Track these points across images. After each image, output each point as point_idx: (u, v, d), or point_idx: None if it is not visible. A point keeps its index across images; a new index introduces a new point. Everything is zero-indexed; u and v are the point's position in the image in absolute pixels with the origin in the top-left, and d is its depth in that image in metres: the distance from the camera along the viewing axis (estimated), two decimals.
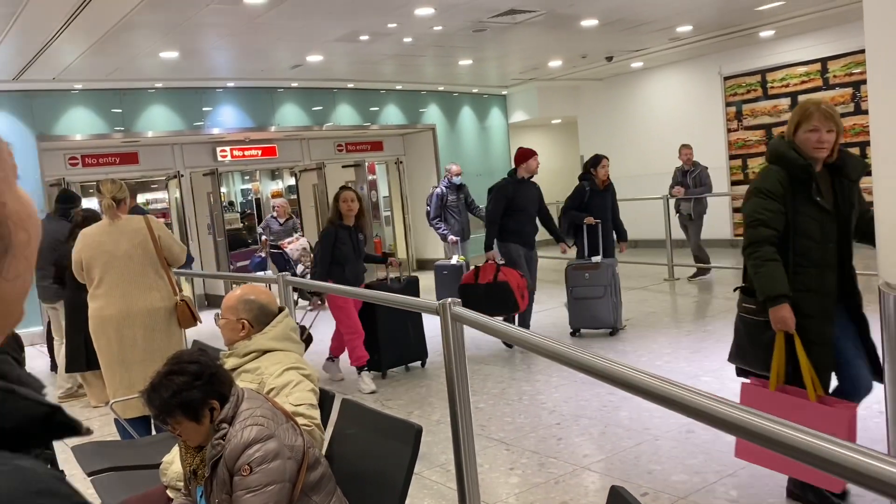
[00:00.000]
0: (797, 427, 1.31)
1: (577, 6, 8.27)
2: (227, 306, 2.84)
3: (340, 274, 5.87)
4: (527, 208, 6.80)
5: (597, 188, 7.18)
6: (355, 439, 2.54)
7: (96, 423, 5.75)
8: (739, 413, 1.44)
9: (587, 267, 6.89)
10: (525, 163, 6.80)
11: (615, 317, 6.88)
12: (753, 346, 3.30)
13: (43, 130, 9.76)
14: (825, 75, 11.03)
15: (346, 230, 5.99)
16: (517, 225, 6.73)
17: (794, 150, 3.22)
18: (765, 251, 3.17)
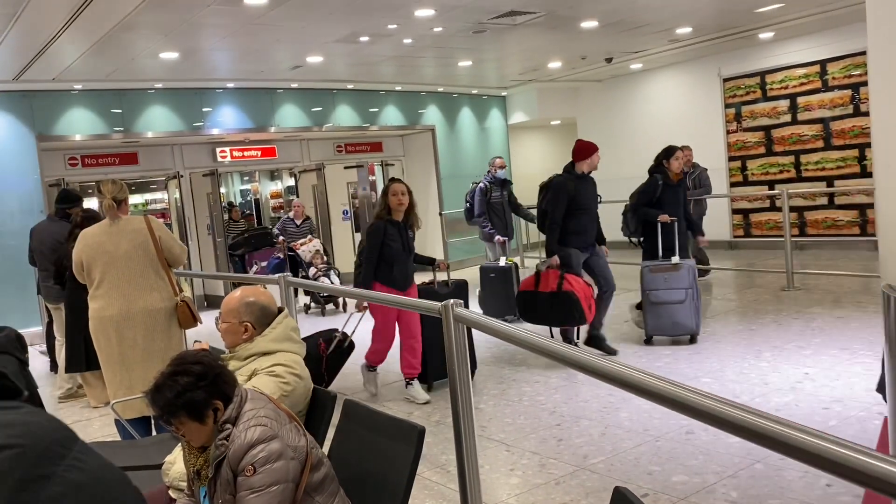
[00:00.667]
0: (804, 428, 1.31)
1: (577, 8, 8.28)
2: (228, 309, 2.84)
3: (388, 274, 5.42)
4: (590, 207, 6.26)
5: (670, 182, 6.62)
6: (358, 440, 2.54)
7: (96, 423, 5.76)
8: (740, 413, 1.44)
9: (666, 269, 6.37)
10: (588, 157, 6.21)
11: (696, 322, 6.39)
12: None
13: (43, 130, 9.75)
14: (824, 77, 11.05)
15: (395, 226, 5.48)
16: (578, 226, 6.21)
17: None
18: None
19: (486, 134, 14.69)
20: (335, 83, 12.05)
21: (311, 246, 10.28)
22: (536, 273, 6.25)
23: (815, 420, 4.39)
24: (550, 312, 5.99)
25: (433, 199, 13.82)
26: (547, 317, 6.19)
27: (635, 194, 6.75)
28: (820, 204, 11.29)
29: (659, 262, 6.44)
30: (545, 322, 6.32)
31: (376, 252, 5.40)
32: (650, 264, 6.47)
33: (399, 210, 5.51)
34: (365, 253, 5.49)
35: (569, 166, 6.30)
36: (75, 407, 6.29)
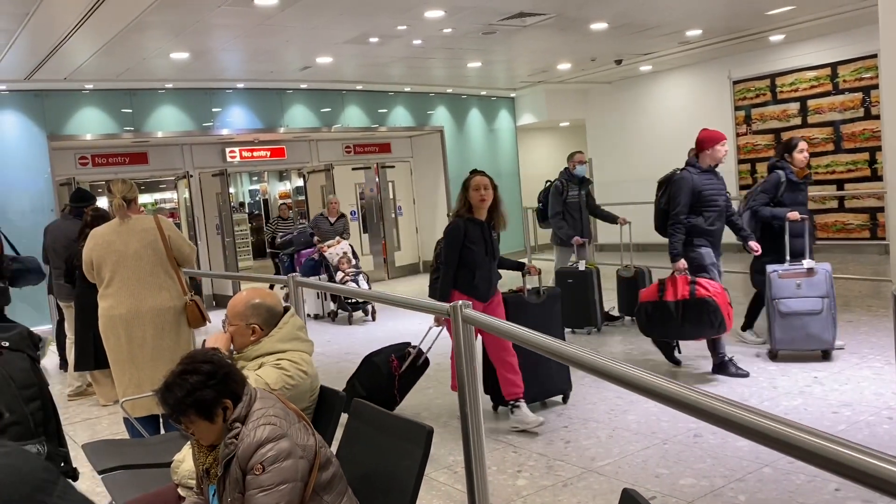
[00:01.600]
0: (813, 431, 1.31)
1: (587, 9, 8.28)
2: (235, 312, 2.84)
3: (469, 281, 4.71)
4: (717, 201, 5.53)
5: (794, 177, 5.92)
6: (366, 440, 2.55)
7: (105, 421, 5.79)
8: (749, 415, 1.44)
9: (798, 274, 5.64)
10: (711, 148, 5.51)
11: (833, 334, 5.64)
12: None
13: (54, 130, 9.81)
14: (835, 80, 11.01)
15: (477, 226, 4.79)
16: (706, 224, 5.50)
17: None
18: None
19: (494, 135, 14.68)
20: (344, 84, 12.08)
21: (338, 248, 9.60)
22: (661, 281, 5.53)
23: (824, 424, 4.36)
24: (683, 324, 5.28)
25: (441, 201, 13.83)
26: (679, 330, 5.43)
27: (753, 194, 6.12)
28: (830, 207, 11.24)
29: (789, 267, 5.71)
30: (676, 336, 5.66)
31: (456, 256, 4.72)
32: (778, 269, 5.72)
33: (481, 207, 4.81)
34: (443, 257, 4.81)
35: (692, 158, 5.68)
36: (84, 405, 6.32)
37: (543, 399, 5.20)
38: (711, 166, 5.59)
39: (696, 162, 5.60)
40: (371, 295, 7.65)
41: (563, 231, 7.65)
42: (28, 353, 2.81)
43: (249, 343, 2.82)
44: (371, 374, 5.01)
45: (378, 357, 5.06)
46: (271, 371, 2.68)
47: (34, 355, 2.86)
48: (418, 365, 5.09)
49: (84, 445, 3.52)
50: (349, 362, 7.11)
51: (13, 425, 2.62)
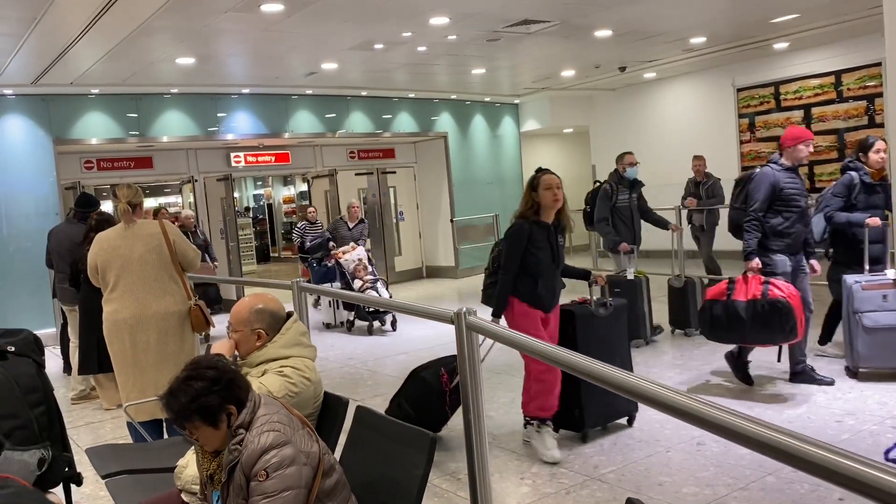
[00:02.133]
0: (816, 442, 1.31)
1: (592, 17, 8.30)
2: (239, 319, 2.83)
3: (531, 290, 4.33)
4: (798, 202, 5.18)
5: (869, 179, 5.47)
6: (369, 446, 2.55)
7: (108, 425, 5.80)
8: (752, 425, 1.44)
9: (883, 285, 5.20)
10: (793, 147, 5.17)
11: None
12: None
13: (59, 134, 9.85)
14: (839, 88, 11.01)
15: (542, 229, 4.38)
16: (784, 227, 5.15)
17: None
18: None
19: (498, 141, 14.70)
20: (349, 90, 12.12)
21: (353, 255, 9.17)
22: (730, 279, 5.20)
23: (827, 433, 4.36)
24: (751, 326, 4.90)
25: (445, 206, 13.85)
26: (746, 333, 5.04)
27: (825, 197, 5.76)
28: None
29: (872, 277, 5.29)
30: (743, 340, 5.22)
31: (517, 260, 4.34)
32: (860, 280, 5.29)
33: (552, 209, 4.41)
34: (503, 261, 4.40)
35: (776, 155, 5.33)
36: (88, 409, 6.33)
37: (606, 423, 4.73)
38: (794, 165, 5.24)
39: (780, 158, 5.26)
40: (375, 301, 7.66)
41: (609, 237, 7.21)
42: (33, 357, 2.82)
43: (255, 348, 2.81)
44: (420, 390, 4.67)
45: (426, 372, 4.71)
46: (274, 379, 2.68)
47: (39, 360, 2.87)
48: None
49: (88, 450, 3.53)
50: (352, 367, 7.12)
51: (18, 430, 2.63)
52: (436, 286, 12.96)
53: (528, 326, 4.28)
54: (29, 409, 2.70)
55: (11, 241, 9.38)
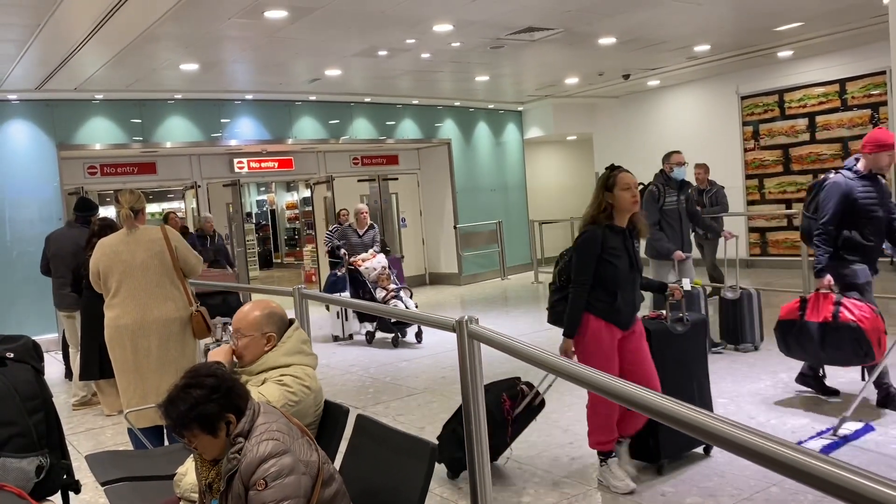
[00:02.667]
0: (818, 456, 1.29)
1: (596, 24, 8.30)
2: (249, 323, 2.78)
3: (608, 304, 3.85)
4: (875, 212, 4.75)
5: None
6: (370, 455, 2.53)
7: (109, 431, 5.78)
8: (756, 439, 1.42)
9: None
10: (873, 153, 4.71)
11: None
12: None
13: (63, 139, 9.87)
14: (843, 96, 10.99)
15: (618, 235, 3.91)
16: (862, 237, 4.75)
17: None
18: None
19: (501, 148, 14.71)
20: (353, 96, 12.13)
21: (375, 262, 8.64)
22: (802, 298, 4.92)
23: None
24: (825, 348, 4.65)
25: (448, 213, 13.84)
26: (821, 354, 4.82)
27: None
28: None
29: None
30: (818, 360, 5.03)
31: (590, 272, 3.85)
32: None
33: (629, 211, 3.93)
34: (574, 272, 3.91)
35: (851, 160, 4.90)
36: (88, 415, 6.32)
37: (683, 453, 4.26)
38: (873, 172, 4.78)
39: (855, 165, 4.81)
40: (374, 309, 7.61)
41: (661, 244, 6.50)
42: (32, 364, 2.81)
43: (263, 352, 2.79)
44: None
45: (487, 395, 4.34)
46: (274, 388, 2.66)
47: (38, 367, 2.86)
48: (535, 405, 4.39)
49: (88, 456, 3.51)
50: (353, 374, 7.10)
51: (16, 437, 2.61)
52: (438, 293, 12.94)
53: (599, 349, 3.85)
54: (27, 417, 2.69)
55: (14, 246, 9.39)
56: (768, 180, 12.04)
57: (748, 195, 12.30)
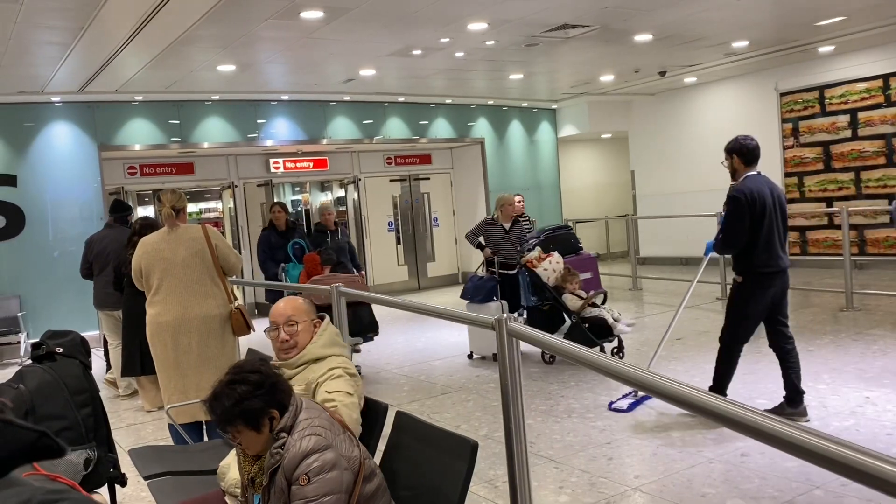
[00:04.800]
0: (868, 451, 1.26)
1: (632, 21, 8.21)
2: (301, 310, 2.89)
3: None
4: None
5: None
6: (410, 452, 2.54)
7: (150, 427, 5.88)
8: (799, 433, 1.40)
9: None
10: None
11: None
12: None
13: (104, 140, 10.07)
14: (887, 92, 10.73)
15: None
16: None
17: None
18: None
19: (535, 147, 14.64)
20: (386, 96, 12.18)
21: (552, 263, 6.95)
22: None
23: (877, 446, 4.21)
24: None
25: (481, 212, 13.80)
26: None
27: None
28: (881, 222, 10.93)
29: None
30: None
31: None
32: None
33: None
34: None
35: None
36: (129, 410, 6.44)
37: None
38: None
39: None
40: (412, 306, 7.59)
41: None
42: (80, 359, 2.87)
43: (313, 337, 2.86)
44: None
45: None
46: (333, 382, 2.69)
47: (86, 361, 2.92)
48: None
49: (130, 451, 3.57)
50: (388, 372, 7.12)
51: (65, 430, 2.67)
52: None
53: None
54: (76, 410, 2.75)
55: (57, 245, 9.60)
56: (808, 178, 11.81)
57: (788, 193, 12.07)
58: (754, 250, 4.78)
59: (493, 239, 7.70)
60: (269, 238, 7.93)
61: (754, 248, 4.77)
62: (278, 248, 7.78)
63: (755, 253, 4.78)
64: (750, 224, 4.76)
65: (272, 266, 7.79)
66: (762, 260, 4.78)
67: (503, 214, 7.79)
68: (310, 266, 7.28)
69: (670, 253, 13.13)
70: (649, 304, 10.38)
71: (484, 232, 7.77)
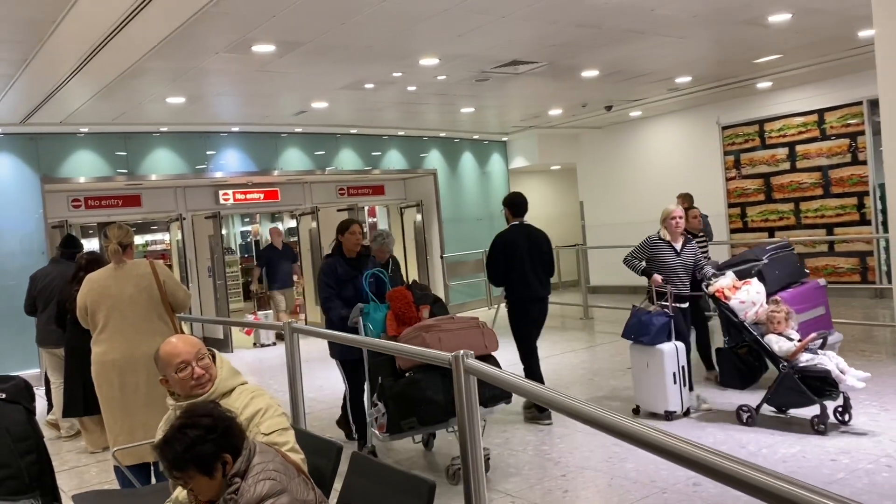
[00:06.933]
0: (809, 487, 1.31)
1: (579, 57, 8.42)
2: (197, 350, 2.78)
3: None
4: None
5: None
6: (367, 494, 2.51)
7: (94, 469, 5.68)
8: (746, 470, 1.44)
9: None
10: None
11: None
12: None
13: (48, 172, 9.82)
14: (822, 126, 11.19)
15: None
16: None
17: None
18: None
19: (487, 178, 14.81)
20: (339, 128, 12.19)
21: (751, 293, 5.50)
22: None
23: (822, 472, 4.34)
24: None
25: (435, 243, 13.87)
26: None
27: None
28: (820, 251, 11.33)
29: None
30: None
31: None
32: None
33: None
34: None
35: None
36: (72, 452, 6.21)
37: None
38: None
39: None
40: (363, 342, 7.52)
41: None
42: (24, 404, 2.77)
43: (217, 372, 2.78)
44: None
45: None
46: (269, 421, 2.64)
47: (30, 407, 2.82)
48: None
49: (74, 496, 3.44)
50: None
51: (8, 480, 2.57)
52: None
53: None
54: (20, 458, 2.65)
55: None
56: (750, 209, 12.19)
57: (731, 223, 12.43)
58: (511, 284, 6.07)
59: (661, 262, 6.23)
60: (335, 269, 5.53)
61: (511, 282, 6.07)
62: (347, 282, 5.48)
63: (512, 286, 6.08)
64: (504, 264, 6.03)
65: (339, 307, 5.36)
66: (518, 290, 6.06)
67: (669, 231, 6.30)
68: (399, 306, 5.09)
69: (620, 282, 13.32)
70: (600, 332, 10.51)
71: (648, 254, 6.32)
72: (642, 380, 5.83)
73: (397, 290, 5.23)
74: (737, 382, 5.79)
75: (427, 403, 4.41)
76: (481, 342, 4.67)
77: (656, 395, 5.68)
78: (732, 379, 5.80)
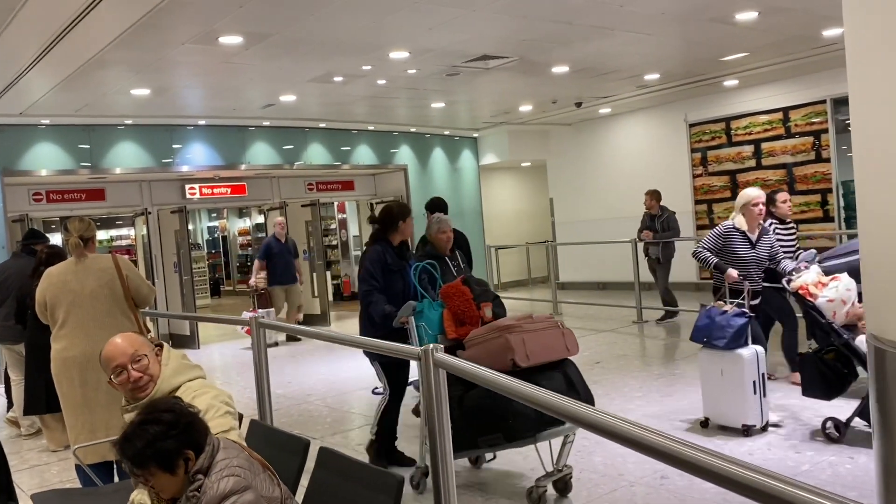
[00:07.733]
0: (771, 473, 1.31)
1: (549, 53, 8.44)
2: (139, 343, 2.71)
3: None
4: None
5: None
6: (334, 490, 2.47)
7: (55, 468, 5.55)
8: (713, 459, 1.45)
9: None
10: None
11: None
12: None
13: (7, 165, 9.59)
14: (787, 124, 11.36)
15: None
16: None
17: None
18: None
19: (457, 174, 14.79)
20: (307, 122, 12.08)
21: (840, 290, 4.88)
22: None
23: (787, 465, 4.40)
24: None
25: None
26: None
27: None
28: None
29: None
30: None
31: None
32: None
33: None
34: None
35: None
36: (33, 451, 6.06)
37: None
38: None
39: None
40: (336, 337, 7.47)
41: None
42: None
43: (161, 369, 2.70)
44: None
45: None
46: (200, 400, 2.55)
47: None
48: None
49: (34, 496, 3.35)
50: (310, 405, 6.97)
51: None
52: None
53: None
54: None
55: None
56: (717, 205, 12.33)
57: (697, 220, 12.58)
58: None
59: (734, 255, 5.68)
60: (384, 257, 4.78)
61: None
62: (396, 273, 4.80)
63: None
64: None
65: (383, 302, 4.63)
66: None
67: (749, 219, 5.64)
68: (457, 304, 4.38)
69: (588, 278, 13.44)
70: (570, 328, 10.53)
71: (722, 245, 5.72)
72: (714, 389, 5.13)
73: (453, 285, 4.47)
74: (821, 392, 4.93)
75: (515, 416, 3.75)
76: (562, 344, 4.18)
77: (732, 406, 5.01)
78: (816, 388, 4.95)
